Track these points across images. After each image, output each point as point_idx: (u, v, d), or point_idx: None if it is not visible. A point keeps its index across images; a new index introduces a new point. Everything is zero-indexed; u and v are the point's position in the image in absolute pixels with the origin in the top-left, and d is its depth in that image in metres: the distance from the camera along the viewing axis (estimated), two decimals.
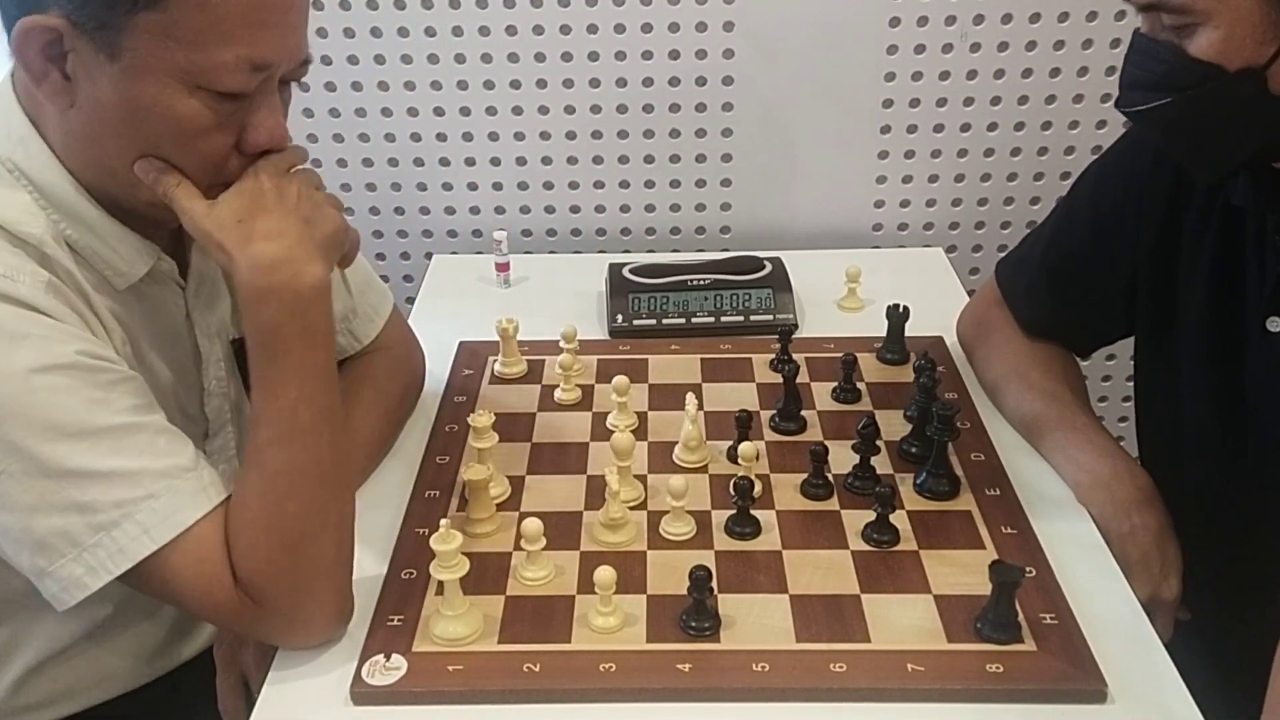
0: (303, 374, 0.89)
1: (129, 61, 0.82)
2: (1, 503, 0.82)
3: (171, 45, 0.82)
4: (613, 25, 1.53)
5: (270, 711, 0.88)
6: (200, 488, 0.87)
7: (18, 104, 0.89)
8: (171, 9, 0.81)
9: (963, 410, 1.19)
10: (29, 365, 0.81)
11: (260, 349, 0.88)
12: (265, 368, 0.89)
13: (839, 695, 0.87)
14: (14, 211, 0.86)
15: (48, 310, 0.84)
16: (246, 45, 0.84)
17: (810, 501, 1.08)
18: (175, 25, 0.81)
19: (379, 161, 1.64)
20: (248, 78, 0.85)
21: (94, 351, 0.86)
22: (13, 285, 0.83)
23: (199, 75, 0.83)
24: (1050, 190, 1.65)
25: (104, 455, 0.83)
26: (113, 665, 1.06)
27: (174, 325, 1.01)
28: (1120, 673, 0.88)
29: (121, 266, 0.93)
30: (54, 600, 0.85)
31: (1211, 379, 1.08)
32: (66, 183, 0.89)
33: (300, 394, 0.88)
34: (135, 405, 0.86)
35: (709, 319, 1.40)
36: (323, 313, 0.90)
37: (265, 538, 0.87)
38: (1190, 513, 1.09)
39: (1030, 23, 1.52)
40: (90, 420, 0.83)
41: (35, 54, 0.83)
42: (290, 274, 0.87)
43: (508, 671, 0.89)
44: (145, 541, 0.84)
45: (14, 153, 0.88)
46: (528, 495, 1.10)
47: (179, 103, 0.84)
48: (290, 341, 0.88)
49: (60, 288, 0.86)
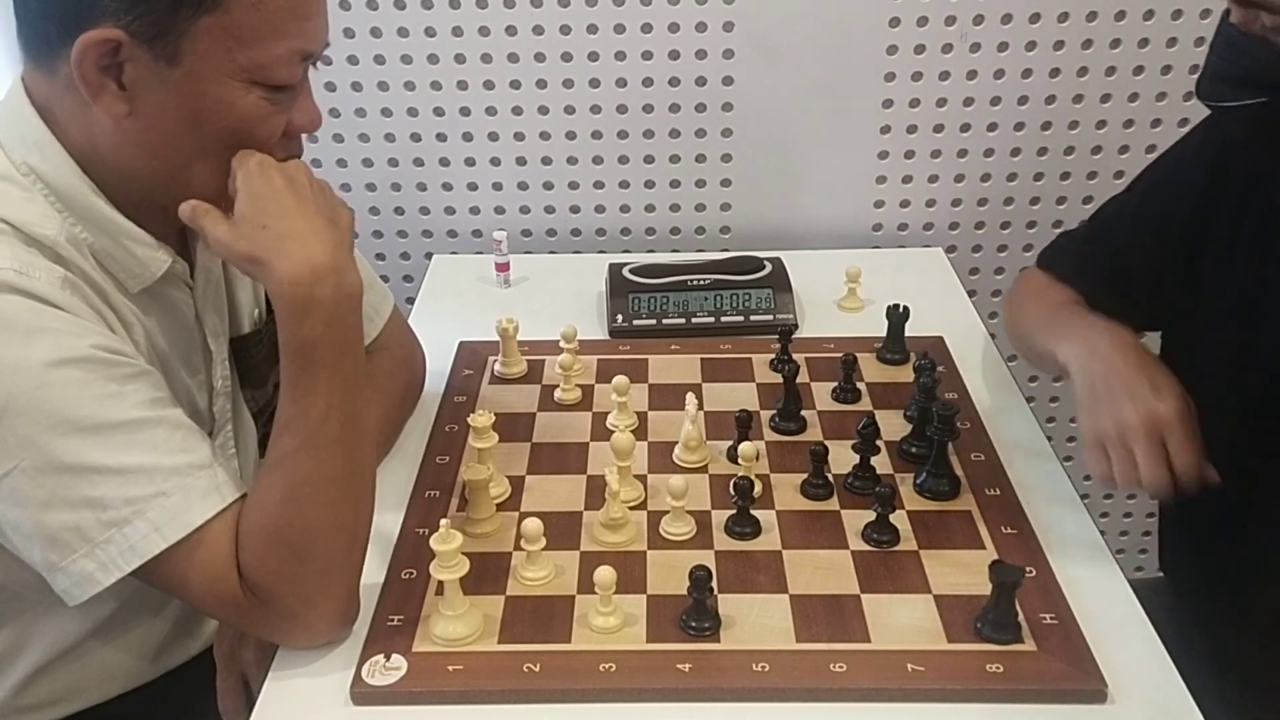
0: (334, 384, 0.88)
1: (189, 65, 0.85)
2: (15, 497, 0.83)
3: (230, 45, 0.85)
4: (613, 25, 1.53)
5: (270, 711, 0.88)
6: (214, 486, 0.87)
7: (32, 108, 0.89)
8: (230, 10, 0.83)
9: (963, 410, 1.19)
10: (44, 359, 0.81)
11: (295, 358, 0.88)
12: (298, 376, 0.88)
13: (839, 695, 0.87)
14: (29, 213, 0.87)
15: (64, 305, 0.84)
16: (297, 37, 0.88)
17: (810, 501, 1.08)
18: (233, 26, 0.84)
19: (379, 161, 1.64)
20: (298, 68, 0.90)
21: (110, 345, 0.86)
22: (29, 280, 0.83)
23: (257, 71, 0.87)
24: (1050, 190, 1.65)
25: (116, 451, 0.83)
26: (117, 663, 1.06)
27: (185, 325, 1.02)
28: (1120, 673, 0.88)
29: (136, 269, 0.93)
30: (65, 595, 0.86)
31: (1241, 376, 1.07)
32: (83, 186, 0.89)
33: (330, 404, 0.88)
34: (151, 399, 0.86)
35: (709, 319, 1.40)
36: (357, 320, 0.91)
37: (280, 545, 0.87)
38: (1215, 512, 1.08)
39: (1030, 23, 1.52)
40: (104, 415, 0.83)
41: (92, 67, 0.83)
42: (333, 285, 0.87)
43: (508, 671, 0.89)
44: (156, 539, 0.84)
45: (29, 156, 0.88)
46: (528, 495, 1.10)
47: (239, 99, 0.87)
48: (325, 352, 0.87)
49: (77, 284, 0.87)
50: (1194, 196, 1.09)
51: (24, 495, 0.82)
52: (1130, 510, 1.95)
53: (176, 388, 1.00)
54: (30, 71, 0.89)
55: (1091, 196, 1.64)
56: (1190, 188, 1.10)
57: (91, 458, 0.82)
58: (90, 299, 0.88)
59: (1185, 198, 1.10)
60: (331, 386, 0.88)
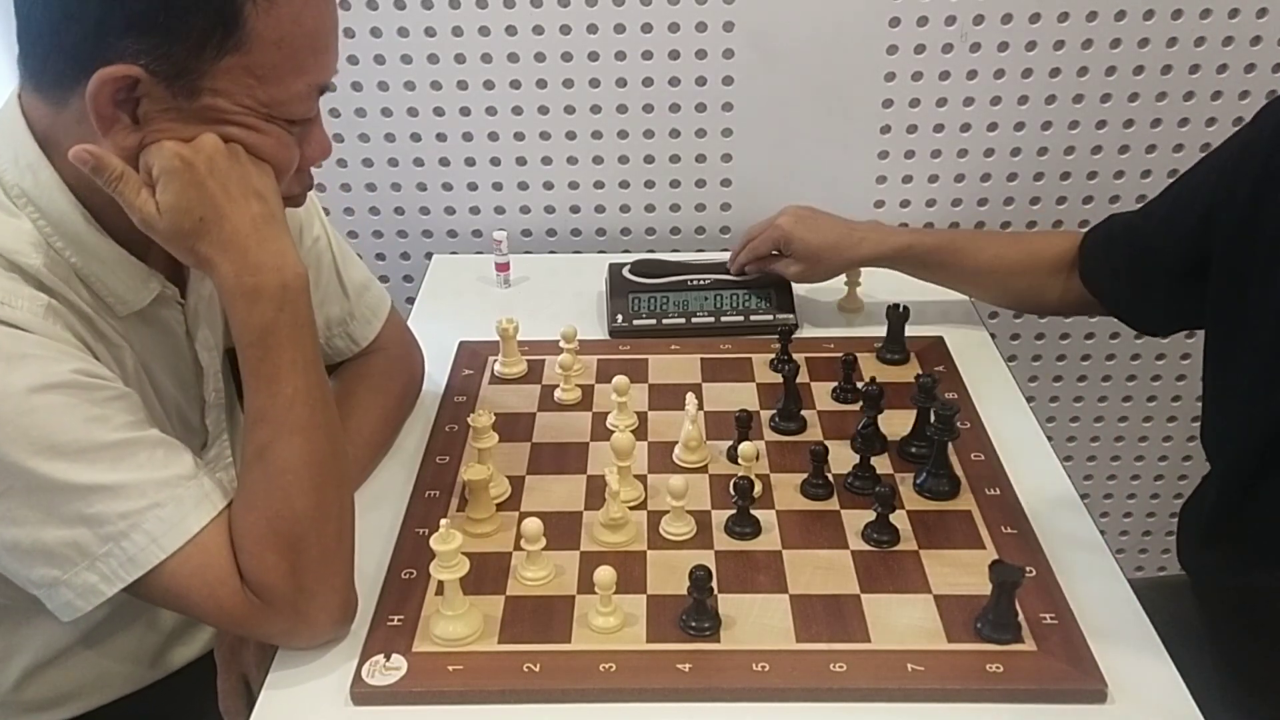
0: (296, 367, 0.89)
1: (208, 101, 0.84)
2: (11, 518, 0.82)
3: (251, 83, 0.85)
4: (613, 25, 1.53)
5: (270, 711, 0.88)
6: (203, 495, 0.88)
7: (28, 132, 0.88)
8: (251, 51, 0.83)
9: (963, 410, 1.20)
10: (27, 385, 0.81)
11: (254, 348, 0.89)
12: (259, 365, 0.89)
13: (839, 695, 0.87)
14: (13, 240, 0.86)
15: (45, 333, 0.84)
16: (314, 72, 0.88)
17: (810, 501, 1.08)
18: (254, 65, 0.84)
19: (379, 161, 1.64)
20: (314, 101, 0.91)
21: (90, 370, 0.86)
22: (10, 311, 0.83)
23: (276, 107, 0.87)
24: (1050, 190, 1.65)
25: (105, 470, 0.83)
26: (111, 668, 1.06)
27: (176, 343, 1.02)
28: (1120, 673, 0.88)
29: (125, 295, 0.93)
30: (66, 608, 0.85)
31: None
32: (75, 211, 0.88)
33: (296, 389, 0.89)
34: (132, 421, 0.87)
35: (709, 319, 1.40)
36: (306, 302, 0.91)
37: (275, 538, 0.87)
38: (1250, 526, 1.07)
39: (1030, 23, 1.52)
40: (90, 437, 0.83)
41: (106, 102, 0.82)
42: (275, 269, 0.88)
43: (508, 671, 0.89)
44: (154, 550, 0.84)
45: (22, 180, 0.88)
46: (528, 495, 1.10)
47: (255, 135, 0.87)
48: (282, 335, 0.89)
49: (60, 311, 0.86)
50: (1242, 196, 1.06)
51: (19, 516, 0.82)
52: (1130, 510, 1.95)
53: (167, 403, 1.01)
54: (32, 98, 0.88)
55: (1091, 196, 1.64)
56: (1238, 184, 1.07)
57: (82, 477, 0.82)
58: (74, 326, 0.88)
59: (1234, 196, 1.07)
60: (295, 369, 0.89)
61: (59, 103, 0.85)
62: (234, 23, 0.82)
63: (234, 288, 0.87)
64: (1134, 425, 1.86)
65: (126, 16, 0.80)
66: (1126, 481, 1.92)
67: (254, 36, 0.83)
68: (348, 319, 1.18)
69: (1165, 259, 1.15)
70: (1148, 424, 1.85)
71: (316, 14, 0.87)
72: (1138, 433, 1.86)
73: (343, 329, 1.18)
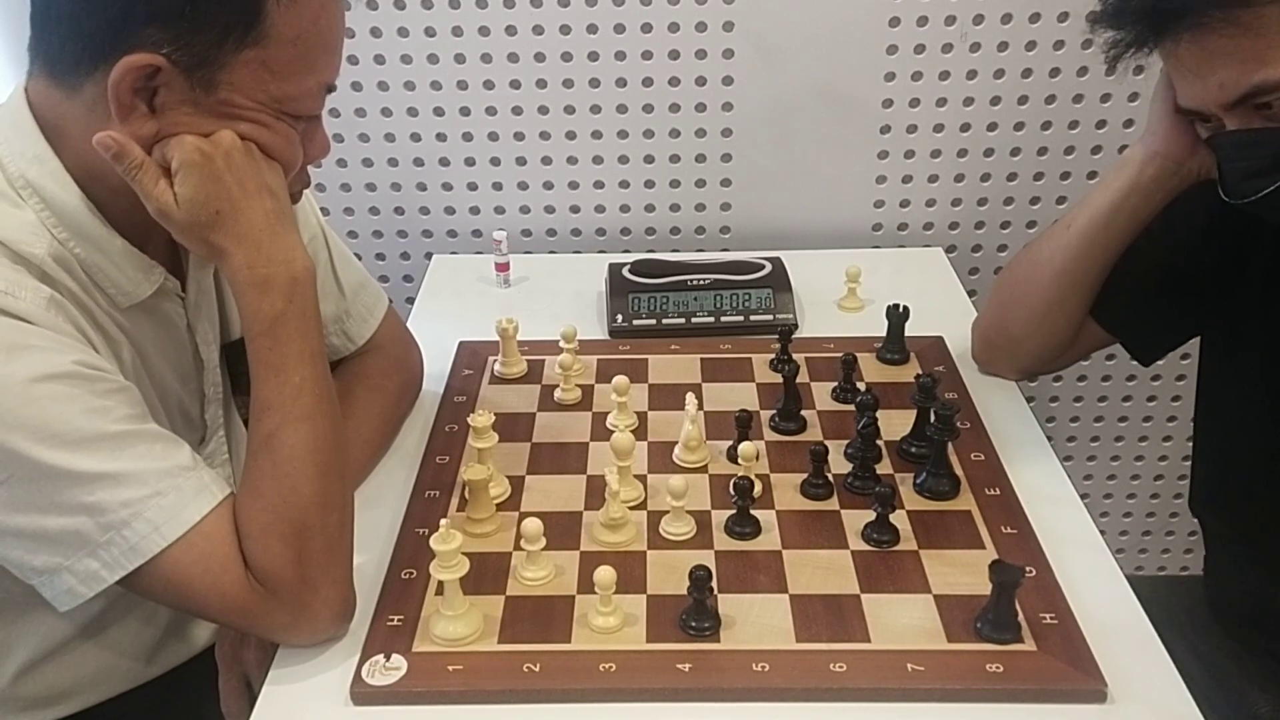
0: (304, 357, 0.91)
1: (224, 94, 0.86)
2: (13, 505, 0.83)
3: (266, 77, 0.87)
4: (613, 25, 1.53)
5: (270, 711, 0.88)
6: (202, 485, 0.88)
7: (34, 122, 0.89)
8: (270, 45, 0.85)
9: (963, 410, 1.20)
10: (29, 375, 0.82)
11: (263, 337, 0.90)
12: (268, 355, 0.90)
13: (839, 695, 0.87)
14: (17, 230, 0.87)
15: (47, 324, 0.85)
16: (324, 70, 0.91)
17: (810, 501, 1.08)
18: (270, 60, 0.86)
19: (379, 161, 1.64)
20: (322, 99, 0.93)
21: (91, 362, 0.86)
22: (13, 301, 0.83)
23: (287, 103, 0.90)
24: (1050, 190, 1.65)
25: (106, 459, 0.84)
26: (110, 664, 1.06)
27: (177, 336, 1.02)
28: (1120, 673, 0.88)
29: (127, 286, 0.94)
30: (67, 595, 0.86)
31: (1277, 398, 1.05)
32: (79, 202, 0.89)
33: (303, 378, 0.91)
34: (132, 414, 0.87)
35: (709, 319, 1.40)
36: (314, 295, 0.94)
37: (282, 525, 0.88)
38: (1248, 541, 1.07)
39: (1030, 23, 1.52)
40: (91, 427, 0.83)
41: (127, 89, 0.84)
42: (285, 262, 0.90)
43: (508, 671, 0.89)
44: (156, 539, 0.85)
45: (28, 170, 0.88)
46: (528, 495, 1.10)
47: (267, 129, 0.89)
48: (291, 325, 0.91)
49: (62, 303, 0.87)
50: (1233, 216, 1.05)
51: (21, 502, 0.83)
52: (1130, 510, 1.95)
53: (168, 396, 1.02)
54: (41, 86, 0.88)
55: None
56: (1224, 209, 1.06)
57: (83, 466, 0.83)
58: (75, 318, 0.88)
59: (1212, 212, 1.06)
60: (302, 359, 0.91)
61: (72, 89, 0.86)
62: (256, 17, 0.84)
63: (246, 278, 0.90)
64: (1134, 425, 1.86)
65: (151, 6, 0.82)
66: (1126, 481, 1.92)
67: (273, 32, 0.85)
68: (343, 317, 1.18)
69: (1162, 274, 1.15)
70: (1148, 424, 1.85)
71: (332, 15, 0.90)
72: (1138, 433, 1.86)
73: (338, 327, 1.18)
